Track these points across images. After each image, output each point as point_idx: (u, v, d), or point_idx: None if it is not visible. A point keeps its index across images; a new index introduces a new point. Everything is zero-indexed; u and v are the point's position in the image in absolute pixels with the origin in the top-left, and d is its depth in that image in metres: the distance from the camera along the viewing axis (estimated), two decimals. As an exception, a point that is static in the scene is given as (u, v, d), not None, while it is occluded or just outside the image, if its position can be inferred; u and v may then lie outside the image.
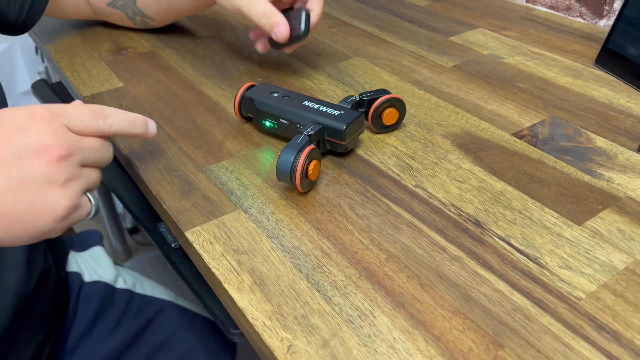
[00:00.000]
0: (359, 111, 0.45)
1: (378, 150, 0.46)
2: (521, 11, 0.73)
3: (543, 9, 0.74)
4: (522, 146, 0.45)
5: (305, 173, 0.39)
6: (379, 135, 0.47)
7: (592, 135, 0.47)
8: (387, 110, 0.46)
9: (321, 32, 0.68)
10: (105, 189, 1.30)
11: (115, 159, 0.45)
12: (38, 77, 1.46)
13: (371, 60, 0.61)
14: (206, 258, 0.35)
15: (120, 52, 0.63)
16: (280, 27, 0.48)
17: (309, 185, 0.41)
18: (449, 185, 0.41)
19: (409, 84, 0.56)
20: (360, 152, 0.45)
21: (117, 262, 0.73)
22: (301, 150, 0.39)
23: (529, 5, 0.75)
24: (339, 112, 0.43)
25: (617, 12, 0.55)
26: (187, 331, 0.67)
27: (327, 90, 0.55)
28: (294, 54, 0.62)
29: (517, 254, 0.35)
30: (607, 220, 0.38)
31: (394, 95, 0.47)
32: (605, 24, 0.67)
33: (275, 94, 0.46)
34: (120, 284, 0.66)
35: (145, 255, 1.52)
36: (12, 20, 0.55)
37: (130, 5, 0.59)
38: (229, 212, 0.39)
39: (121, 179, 0.60)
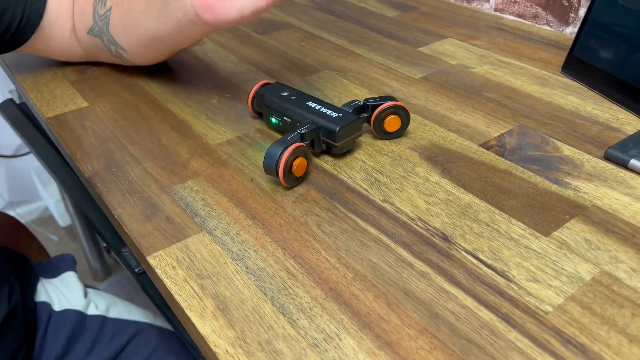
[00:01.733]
0: (356, 115, 0.45)
1: (346, 165, 0.45)
2: (489, 20, 0.74)
3: (511, 17, 0.74)
4: (489, 157, 0.45)
5: (289, 168, 0.41)
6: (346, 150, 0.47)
7: (559, 144, 0.47)
8: (390, 117, 0.47)
9: (290, 46, 0.67)
10: (73, 201, 1.28)
11: (79, 182, 0.44)
12: (9, 95, 1.43)
13: (340, 73, 0.60)
14: (168, 284, 0.34)
15: (86, 71, 0.61)
16: None
17: (294, 181, 0.42)
18: (417, 199, 0.41)
19: (375, 94, 0.55)
20: (328, 167, 0.45)
21: (90, 285, 0.72)
22: (288, 146, 0.40)
23: (497, 14, 0.76)
24: (337, 115, 0.45)
25: (582, 17, 0.56)
26: (166, 353, 0.66)
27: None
28: (262, 67, 0.61)
29: (485, 268, 0.35)
30: (573, 230, 0.37)
31: (398, 102, 0.47)
32: (572, 31, 0.68)
33: (284, 93, 0.48)
34: (92, 310, 0.64)
35: (124, 273, 1.50)
36: None
37: (105, 32, 0.55)
38: (192, 234, 0.38)
39: (89, 199, 0.58)
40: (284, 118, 0.47)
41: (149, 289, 0.47)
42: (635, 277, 0.34)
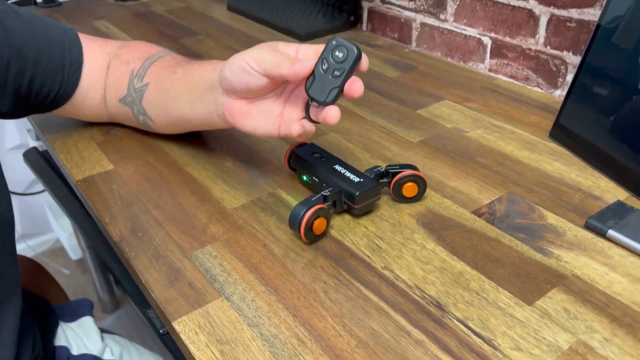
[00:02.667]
0: (375, 182, 0.50)
1: (350, 230, 0.50)
2: (484, 80, 0.79)
3: (504, 78, 0.80)
4: (480, 224, 0.50)
5: (310, 227, 0.46)
6: (351, 216, 0.51)
7: (545, 212, 0.51)
8: (408, 184, 0.51)
9: (299, 106, 0.73)
10: (89, 243, 1.32)
11: (100, 232, 0.49)
12: (27, 134, 1.49)
13: (344, 136, 0.65)
14: (192, 349, 0.38)
15: (110, 131, 0.67)
16: (303, 64, 0.44)
17: (314, 237, 0.48)
18: (414, 266, 0.45)
19: (379, 160, 0.60)
20: (334, 232, 0.49)
21: (104, 329, 0.76)
22: (311, 207, 0.46)
23: (491, 74, 0.81)
24: (358, 180, 0.50)
25: (569, 84, 0.61)
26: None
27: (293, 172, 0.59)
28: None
29: (474, 337, 0.39)
30: (554, 300, 0.42)
31: (416, 172, 0.51)
32: (560, 94, 0.73)
33: (316, 154, 0.54)
34: (107, 355, 0.68)
35: (132, 307, 1.53)
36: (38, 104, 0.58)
37: (137, 103, 0.60)
38: (212, 300, 0.43)
39: (109, 250, 0.63)
40: (313, 178, 0.53)
41: (170, 343, 0.51)
42: (608, 347, 0.38)
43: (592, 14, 0.67)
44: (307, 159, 0.53)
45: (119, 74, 0.61)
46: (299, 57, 0.46)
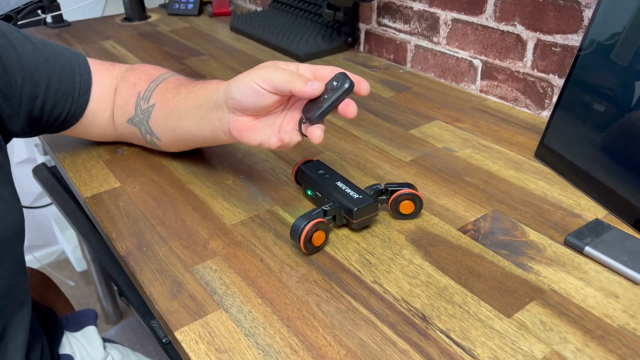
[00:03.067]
0: (373, 199, 0.53)
1: (343, 246, 0.53)
2: (474, 101, 0.83)
3: (494, 99, 0.83)
4: (465, 241, 0.53)
5: (309, 238, 0.50)
6: (344, 231, 0.55)
7: (527, 229, 0.54)
8: (405, 202, 0.55)
9: (297, 126, 0.76)
10: (94, 254, 1.35)
11: (106, 245, 0.52)
12: (34, 149, 1.53)
13: (339, 155, 0.69)
14: (192, 357, 0.41)
15: (117, 150, 0.70)
16: (314, 84, 0.49)
17: (313, 249, 0.51)
18: (402, 280, 0.48)
19: (372, 179, 0.63)
20: (327, 248, 0.52)
21: (107, 339, 0.79)
22: (311, 220, 0.50)
23: (482, 95, 0.85)
24: (357, 196, 0.53)
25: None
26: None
27: (301, 187, 0.62)
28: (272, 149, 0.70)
29: (455, 347, 0.42)
30: (532, 312, 0.45)
31: (413, 191, 0.54)
32: (547, 114, 0.76)
33: (320, 171, 0.57)
34: (108, 363, 0.71)
35: (135, 317, 1.56)
36: (48, 124, 0.62)
37: (144, 123, 0.63)
38: (212, 311, 0.46)
39: (115, 263, 0.66)
40: (317, 193, 0.56)
41: (170, 351, 0.54)
42: (580, 357, 0.41)
43: (575, 40, 0.70)
44: (311, 175, 0.57)
45: (127, 96, 0.64)
46: (300, 74, 0.50)
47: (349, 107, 0.49)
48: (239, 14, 1.20)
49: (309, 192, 0.58)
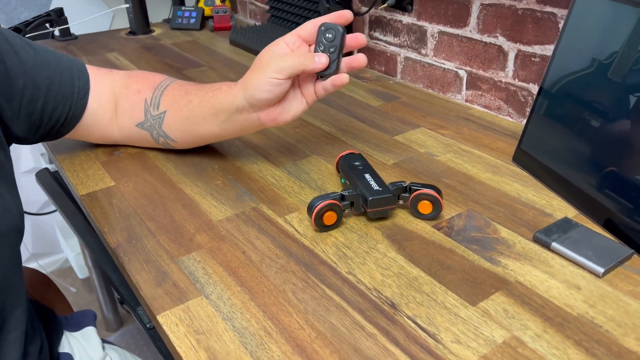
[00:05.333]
0: (392, 193, 0.56)
1: (322, 240, 0.55)
2: (460, 110, 0.86)
3: (479, 107, 0.86)
4: (439, 237, 0.55)
5: (320, 216, 0.55)
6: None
7: (499, 227, 0.57)
8: (424, 202, 0.57)
9: (287, 132, 0.79)
10: (93, 257, 1.38)
11: (102, 245, 0.55)
12: (40, 158, 1.58)
13: (326, 158, 0.72)
14: (172, 338, 0.44)
15: (114, 153, 0.74)
16: (320, 57, 0.57)
17: (323, 227, 0.56)
18: (375, 272, 0.51)
19: (354, 180, 0.66)
20: (306, 242, 0.55)
21: (106, 340, 0.81)
22: (326, 200, 0.55)
23: (467, 104, 0.88)
24: (377, 188, 0.57)
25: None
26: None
27: (286, 187, 0.65)
28: (261, 152, 0.73)
29: (420, 331, 0.44)
30: (496, 302, 0.47)
31: (433, 192, 0.56)
32: (528, 122, 0.79)
33: (356, 163, 0.62)
34: (107, 363, 0.73)
35: (135, 325, 1.58)
36: (42, 133, 0.65)
37: (156, 127, 0.68)
38: (193, 297, 0.48)
39: (110, 261, 0.69)
40: (346, 181, 0.61)
41: (157, 341, 0.56)
42: (537, 342, 0.43)
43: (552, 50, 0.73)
44: (346, 165, 0.62)
45: (132, 102, 0.68)
46: (303, 53, 0.58)
47: (358, 59, 0.59)
48: (238, 28, 1.25)
49: (342, 180, 0.63)
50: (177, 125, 0.67)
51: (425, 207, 0.57)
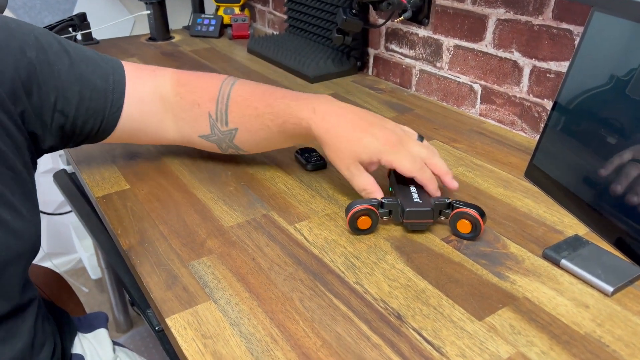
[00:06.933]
0: (430, 207, 0.56)
1: (331, 250, 0.56)
2: (473, 124, 0.86)
3: (492, 122, 0.86)
4: (447, 250, 0.55)
5: (355, 218, 0.57)
6: (334, 237, 0.58)
7: (508, 242, 0.57)
8: (463, 221, 0.56)
9: (300, 141, 0.80)
10: (106, 259, 1.40)
11: (115, 247, 0.56)
12: (59, 159, 1.61)
13: (335, 170, 0.72)
14: (179, 341, 0.45)
15: (132, 157, 0.75)
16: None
17: (356, 230, 0.57)
18: (382, 282, 0.51)
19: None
20: (315, 251, 0.56)
21: (116, 342, 0.82)
22: (362, 204, 0.56)
23: (481, 118, 0.88)
24: (418, 201, 0.57)
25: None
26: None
27: (297, 195, 0.66)
28: (274, 160, 0.74)
29: (425, 344, 0.44)
30: (503, 317, 0.47)
31: (474, 213, 0.55)
32: (542, 138, 0.79)
33: (404, 177, 0.60)
34: (117, 365, 0.74)
35: (145, 326, 1.59)
36: (84, 134, 0.63)
37: (226, 141, 0.67)
38: (202, 302, 0.49)
39: (122, 263, 0.70)
40: (392, 190, 0.62)
41: (165, 344, 0.57)
42: (543, 359, 0.42)
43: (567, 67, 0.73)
44: (396, 176, 0.62)
45: (194, 115, 0.66)
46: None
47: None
48: (256, 37, 1.27)
49: (390, 189, 0.63)
50: (252, 142, 0.68)
51: (464, 226, 0.56)
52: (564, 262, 0.52)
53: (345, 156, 0.60)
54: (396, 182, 0.61)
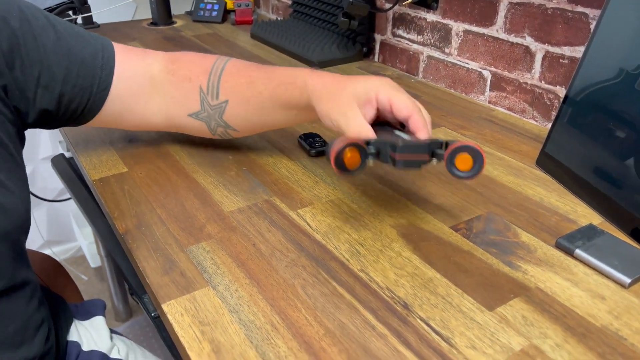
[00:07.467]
0: (425, 144, 0.49)
1: (334, 236, 0.54)
2: (482, 111, 0.83)
3: (502, 109, 0.83)
4: (456, 238, 0.53)
5: (341, 156, 0.47)
6: (338, 223, 0.56)
7: (519, 231, 0.54)
8: (463, 155, 0.48)
9: (304, 127, 0.78)
10: (105, 245, 1.38)
11: (113, 233, 0.54)
12: (59, 145, 1.59)
13: (342, 154, 0.70)
14: (176, 327, 0.43)
15: (130, 140, 0.73)
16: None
17: (345, 171, 0.48)
18: (388, 271, 0.49)
19: (371, 177, 0.64)
20: (319, 237, 0.53)
21: (114, 330, 0.80)
22: (348, 140, 0.48)
23: (491, 105, 0.85)
24: (409, 139, 0.49)
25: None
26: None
27: (300, 181, 0.64)
28: (277, 145, 0.72)
29: (433, 334, 0.42)
30: (515, 308, 0.45)
31: (472, 143, 0.48)
32: (553, 126, 0.76)
33: (388, 127, 0.54)
34: (114, 354, 0.72)
35: (144, 317, 1.58)
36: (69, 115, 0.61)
37: (216, 118, 0.63)
38: (200, 288, 0.47)
39: (120, 249, 0.68)
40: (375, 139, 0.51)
41: (162, 331, 0.55)
42: (557, 351, 0.40)
43: (582, 52, 0.70)
44: (378, 125, 0.54)
45: (184, 91, 0.63)
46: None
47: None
48: (260, 22, 1.24)
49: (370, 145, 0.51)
50: (243, 115, 0.63)
51: (464, 162, 0.48)
52: (578, 251, 0.50)
53: (341, 99, 0.54)
54: (378, 130, 0.52)
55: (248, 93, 0.61)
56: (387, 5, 1.00)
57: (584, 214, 0.57)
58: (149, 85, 0.64)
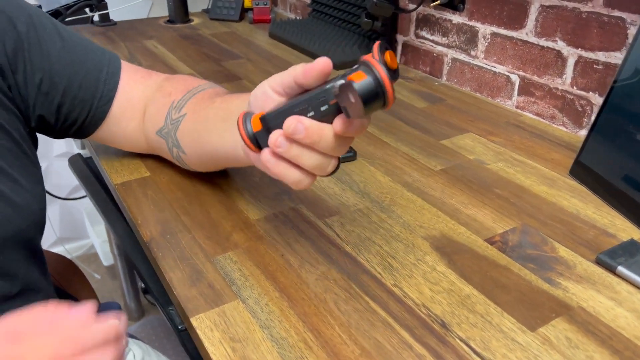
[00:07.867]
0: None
1: (365, 249, 0.52)
2: (510, 116, 0.81)
3: (530, 115, 0.81)
4: (492, 252, 0.51)
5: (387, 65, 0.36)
6: (367, 234, 0.54)
7: (557, 245, 0.53)
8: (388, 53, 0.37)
9: (327, 130, 0.76)
10: (121, 246, 1.38)
11: (132, 232, 0.52)
12: (73, 143, 1.58)
13: (368, 160, 0.68)
14: (206, 343, 0.41)
15: (150, 142, 0.71)
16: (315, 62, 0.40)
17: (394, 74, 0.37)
18: (423, 286, 0.47)
19: (399, 185, 0.63)
20: (349, 249, 0.52)
21: (129, 334, 0.79)
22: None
23: (518, 110, 0.83)
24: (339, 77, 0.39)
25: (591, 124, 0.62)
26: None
27: (327, 188, 0.62)
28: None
29: (474, 355, 0.40)
30: (558, 328, 0.43)
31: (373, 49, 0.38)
32: (584, 133, 0.74)
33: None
34: (129, 358, 0.71)
35: (157, 315, 1.57)
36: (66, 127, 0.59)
37: (171, 134, 0.58)
38: (229, 301, 0.45)
39: (139, 251, 0.67)
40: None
41: (186, 343, 0.54)
42: (606, 377, 0.39)
43: (618, 58, 0.68)
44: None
45: (160, 105, 0.60)
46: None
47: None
48: (278, 21, 1.22)
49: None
50: (189, 132, 0.56)
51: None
52: (620, 269, 0.48)
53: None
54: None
55: (202, 105, 0.56)
56: (411, 6, 0.98)
57: (624, 228, 0.55)
58: (143, 107, 0.61)
